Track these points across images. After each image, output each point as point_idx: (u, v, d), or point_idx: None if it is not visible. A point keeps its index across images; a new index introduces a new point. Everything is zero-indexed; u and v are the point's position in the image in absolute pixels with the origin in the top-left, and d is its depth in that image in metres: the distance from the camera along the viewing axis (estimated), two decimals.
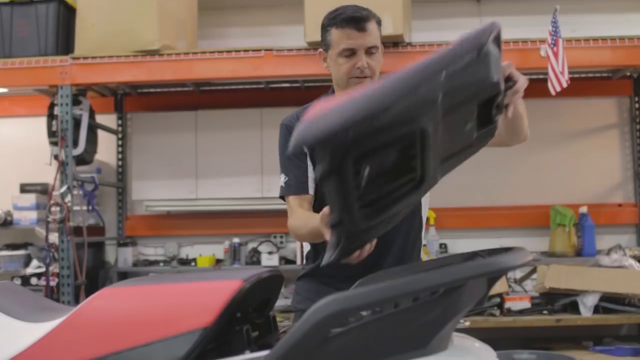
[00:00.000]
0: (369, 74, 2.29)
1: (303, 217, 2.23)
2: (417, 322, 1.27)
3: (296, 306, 2.41)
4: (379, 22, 2.37)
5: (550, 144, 5.68)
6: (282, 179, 2.36)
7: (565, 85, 4.37)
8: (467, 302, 1.33)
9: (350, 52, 2.28)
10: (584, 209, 5.42)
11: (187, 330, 1.31)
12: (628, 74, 5.56)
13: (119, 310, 1.41)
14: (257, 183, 5.43)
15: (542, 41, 4.53)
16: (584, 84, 5.61)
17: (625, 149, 5.71)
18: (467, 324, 1.60)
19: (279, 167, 2.43)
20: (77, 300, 4.62)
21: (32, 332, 1.44)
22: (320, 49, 2.40)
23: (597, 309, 4.71)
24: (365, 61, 2.28)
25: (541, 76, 5.23)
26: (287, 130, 2.39)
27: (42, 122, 5.10)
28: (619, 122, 5.74)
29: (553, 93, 4.43)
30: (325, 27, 2.35)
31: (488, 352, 1.43)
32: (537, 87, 5.31)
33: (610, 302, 4.71)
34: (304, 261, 2.54)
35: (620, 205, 5.67)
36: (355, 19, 2.27)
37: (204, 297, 1.37)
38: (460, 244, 5.52)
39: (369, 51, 2.29)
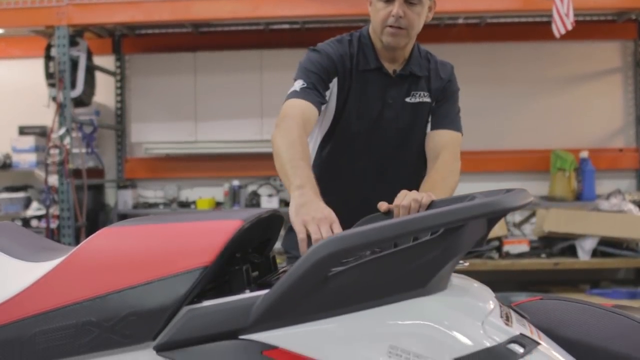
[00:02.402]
0: (404, 25, 2.13)
1: (294, 140, 1.96)
2: (416, 261, 1.27)
3: (289, 250, 2.35)
4: None
5: (552, 88, 5.64)
6: (298, 84, 2.14)
7: (570, 27, 4.31)
8: (467, 243, 1.32)
9: None
10: (584, 154, 5.41)
11: (187, 269, 1.31)
12: (633, 17, 5.48)
13: (119, 249, 1.40)
14: (257, 125, 5.41)
15: None
16: (589, 27, 5.54)
17: (628, 93, 5.67)
18: (467, 264, 1.60)
19: (279, 108, 2.30)
20: (77, 242, 4.65)
21: (32, 271, 1.44)
22: None
23: (595, 253, 4.75)
24: (402, 10, 2.11)
25: (545, 19, 5.16)
26: (320, 52, 2.20)
27: (39, 63, 5.06)
28: (622, 66, 5.69)
29: (557, 36, 4.37)
30: None
31: (487, 293, 1.44)
32: (541, 30, 5.27)
33: (608, 246, 4.75)
34: None
35: (621, 150, 5.67)
36: None
37: (204, 236, 1.37)
38: (460, 188, 5.48)
39: (409, 1, 2.11)
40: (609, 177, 5.56)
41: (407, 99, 2.25)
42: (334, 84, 2.19)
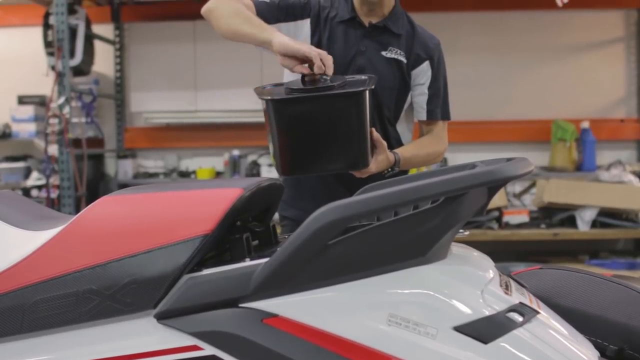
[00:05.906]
0: None
1: (238, 8, 2.18)
2: (416, 230, 1.26)
3: (283, 214, 2.38)
4: None
5: (554, 57, 5.60)
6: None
7: None
8: (467, 212, 1.32)
9: None
10: (585, 124, 5.40)
11: (187, 238, 1.31)
12: None
13: (119, 217, 1.40)
14: None
15: None
16: None
17: (630, 63, 5.63)
18: (467, 233, 1.60)
19: (279, 76, 2.33)
20: (78, 212, 4.64)
21: (33, 239, 1.43)
22: None
23: (594, 224, 4.75)
24: None
25: None
26: None
27: (38, 32, 5.02)
28: (625, 35, 5.65)
29: (560, 4, 4.33)
30: None
31: (486, 262, 1.44)
32: None
33: (608, 216, 4.76)
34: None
35: (622, 120, 5.65)
36: None
37: (204, 204, 1.36)
38: (460, 158, 5.51)
39: None
40: (609, 148, 5.55)
41: (383, 52, 2.22)
42: (306, 26, 2.19)
